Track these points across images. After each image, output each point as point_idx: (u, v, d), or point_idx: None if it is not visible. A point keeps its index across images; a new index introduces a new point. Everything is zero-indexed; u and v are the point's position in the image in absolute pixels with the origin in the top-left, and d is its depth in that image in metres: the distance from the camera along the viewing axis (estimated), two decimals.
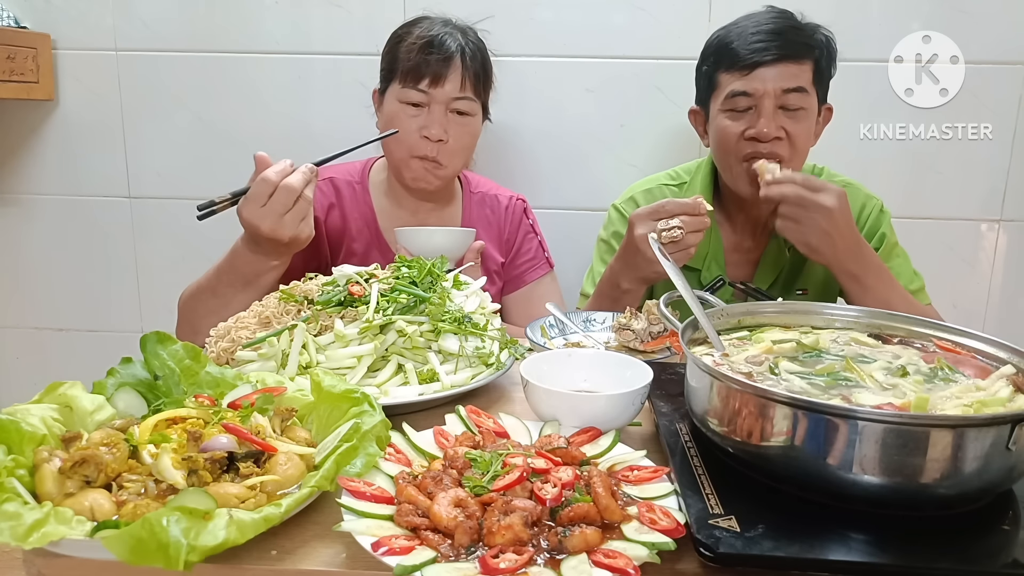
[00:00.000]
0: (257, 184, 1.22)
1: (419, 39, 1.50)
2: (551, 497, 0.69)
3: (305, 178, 1.24)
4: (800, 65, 1.43)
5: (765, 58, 1.41)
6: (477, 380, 1.06)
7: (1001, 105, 1.89)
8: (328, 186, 1.64)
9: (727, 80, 1.46)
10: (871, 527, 0.67)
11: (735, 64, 1.44)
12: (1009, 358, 0.85)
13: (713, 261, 1.62)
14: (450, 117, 1.53)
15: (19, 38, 1.88)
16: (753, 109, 1.45)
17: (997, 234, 1.98)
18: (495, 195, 1.75)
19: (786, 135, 1.45)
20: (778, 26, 1.43)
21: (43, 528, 0.62)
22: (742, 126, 1.46)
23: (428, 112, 1.51)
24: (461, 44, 1.51)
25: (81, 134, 2.03)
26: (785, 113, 1.45)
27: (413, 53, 1.49)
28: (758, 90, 1.42)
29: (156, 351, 0.92)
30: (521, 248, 1.74)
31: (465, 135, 1.56)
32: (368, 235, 1.65)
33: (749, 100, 1.44)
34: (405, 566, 0.60)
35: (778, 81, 1.42)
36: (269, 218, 1.21)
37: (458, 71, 1.50)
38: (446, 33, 1.51)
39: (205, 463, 0.72)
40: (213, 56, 1.97)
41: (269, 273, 1.32)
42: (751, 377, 0.82)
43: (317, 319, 1.08)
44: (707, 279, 1.60)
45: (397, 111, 1.53)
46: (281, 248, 1.27)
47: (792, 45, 1.42)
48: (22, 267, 2.14)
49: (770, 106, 1.43)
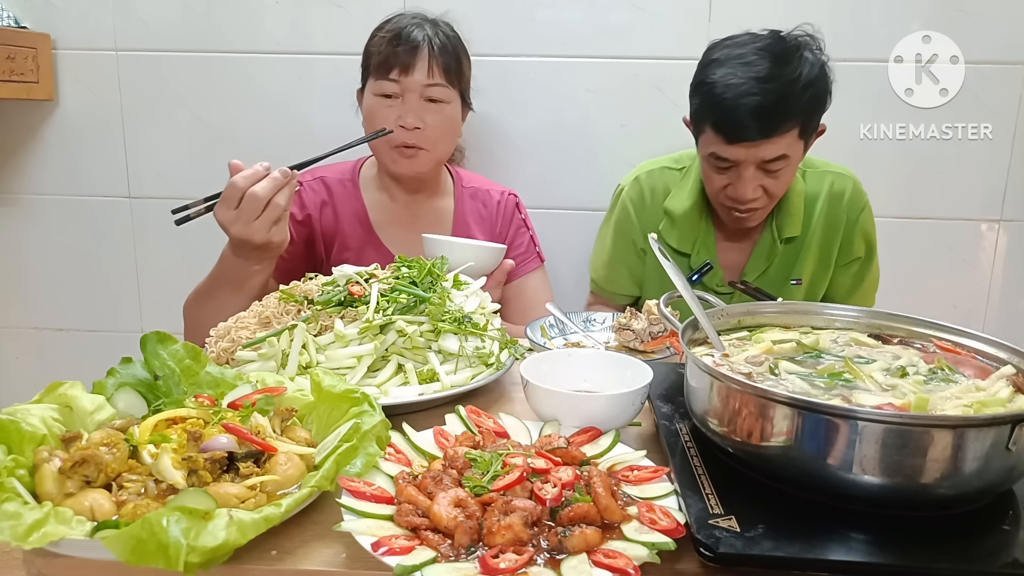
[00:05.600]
0: (227, 189, 1.23)
1: (388, 32, 1.55)
2: (551, 497, 0.69)
3: (275, 184, 1.23)
4: (784, 137, 1.39)
5: (748, 136, 1.38)
6: (477, 380, 1.06)
7: (1001, 105, 1.89)
8: (319, 185, 1.66)
9: (711, 138, 1.44)
10: (871, 527, 0.67)
11: (719, 130, 1.41)
12: (1009, 358, 0.85)
13: (703, 247, 1.65)
14: (425, 105, 1.55)
15: (19, 38, 1.87)
16: (733, 168, 1.45)
17: (997, 234, 1.98)
18: (487, 190, 1.76)
19: (763, 191, 1.47)
20: (771, 99, 1.35)
21: (43, 528, 0.62)
22: (724, 181, 1.49)
23: (402, 102, 1.55)
24: (428, 35, 1.55)
25: (81, 134, 2.03)
26: (766, 174, 1.45)
27: (383, 46, 1.54)
28: (739, 159, 1.42)
29: (156, 351, 0.92)
30: (513, 242, 1.74)
31: (443, 121, 1.58)
32: (361, 232, 1.66)
33: (729, 163, 1.45)
34: (405, 566, 0.60)
35: (760, 155, 1.41)
36: (238, 223, 1.22)
37: (425, 59, 1.53)
38: (414, 25, 1.56)
39: (205, 463, 0.72)
40: (213, 56, 1.97)
41: (254, 277, 1.33)
42: (751, 377, 0.82)
43: (317, 319, 1.08)
44: (696, 264, 1.64)
45: (373, 104, 1.57)
46: (257, 253, 1.27)
47: (778, 122, 1.37)
48: (22, 267, 2.13)
49: (751, 172, 1.44)
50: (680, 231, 1.65)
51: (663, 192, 1.69)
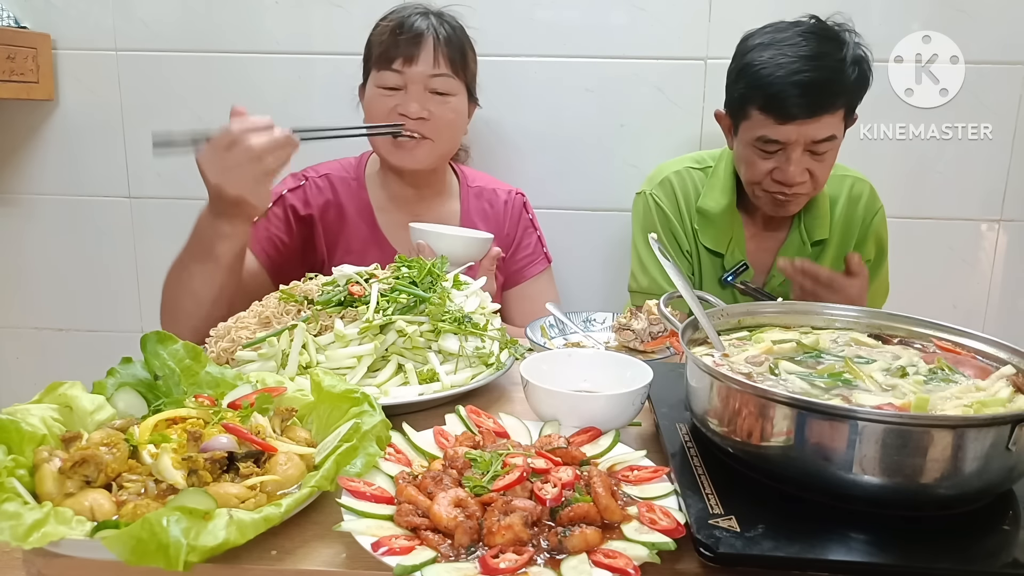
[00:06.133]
0: (219, 130, 1.15)
1: (389, 23, 1.52)
2: (551, 497, 0.69)
3: (271, 143, 1.16)
4: (834, 116, 1.42)
5: (801, 115, 1.40)
6: (477, 380, 1.06)
7: (1001, 105, 1.89)
8: (324, 182, 1.63)
9: (759, 120, 1.44)
10: (871, 527, 0.67)
11: (769, 110, 1.42)
12: (1009, 358, 0.85)
13: (736, 246, 1.64)
14: (429, 96, 1.51)
15: (19, 38, 1.87)
16: (782, 151, 1.46)
17: (997, 234, 1.98)
18: (493, 189, 1.73)
19: (810, 175, 1.47)
20: (819, 76, 1.38)
21: (43, 528, 0.62)
22: (770, 165, 1.48)
23: (405, 93, 1.51)
24: (432, 24, 1.52)
25: (81, 134, 2.03)
26: (812, 156, 1.46)
27: (384, 37, 1.51)
28: (790, 139, 1.43)
29: (156, 351, 0.92)
30: (520, 243, 1.72)
31: (447, 111, 1.53)
32: (366, 230, 1.63)
33: (779, 145, 1.45)
34: (405, 566, 0.60)
35: (810, 133, 1.42)
36: (218, 167, 1.14)
37: (430, 49, 1.50)
38: (417, 15, 1.53)
39: (205, 463, 0.72)
40: (213, 56, 1.97)
41: (223, 242, 1.23)
42: (751, 377, 0.82)
43: (317, 319, 1.08)
44: (730, 263, 1.63)
45: (373, 96, 1.53)
46: (230, 208, 1.19)
47: (829, 98, 1.40)
48: (22, 267, 2.13)
49: (799, 153, 1.44)
50: (716, 230, 1.64)
51: (694, 192, 1.68)
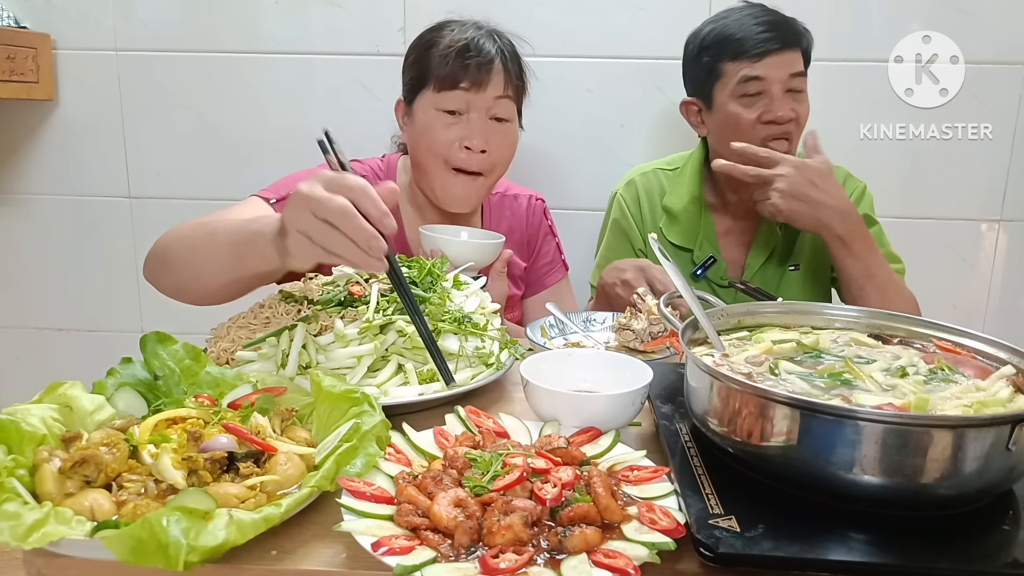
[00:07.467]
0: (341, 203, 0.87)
1: (454, 42, 1.41)
2: (551, 497, 0.69)
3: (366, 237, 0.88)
4: (796, 52, 1.54)
5: (772, 47, 1.50)
6: (477, 380, 1.06)
7: (1001, 105, 1.89)
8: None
9: (735, 68, 1.52)
10: (871, 527, 0.67)
11: (743, 53, 1.51)
12: (1009, 358, 0.85)
13: (705, 240, 1.67)
14: (491, 125, 1.44)
15: (19, 38, 1.87)
16: (763, 95, 1.52)
17: (997, 234, 1.98)
18: (514, 195, 1.69)
19: (794, 115, 1.54)
20: (775, 18, 1.53)
21: (43, 528, 0.62)
22: (756, 111, 1.53)
23: (467, 121, 1.42)
24: (500, 47, 1.44)
25: (81, 134, 2.03)
26: (792, 96, 1.53)
27: (450, 58, 1.39)
28: (770, 75, 1.50)
29: (156, 351, 0.92)
30: (541, 251, 1.70)
31: (504, 146, 1.47)
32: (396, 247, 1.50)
33: (760, 85, 1.51)
34: (405, 566, 0.60)
35: (785, 67, 1.51)
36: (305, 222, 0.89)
37: (500, 75, 1.42)
38: (481, 36, 1.43)
39: (205, 463, 0.72)
40: (213, 56, 1.97)
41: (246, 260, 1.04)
42: (751, 377, 0.82)
43: (317, 319, 1.08)
44: (699, 258, 1.66)
45: (432, 120, 1.42)
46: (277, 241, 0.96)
47: (791, 34, 1.53)
48: (22, 267, 2.13)
49: (780, 90, 1.51)
50: (682, 227, 1.66)
51: (659, 192, 1.71)
